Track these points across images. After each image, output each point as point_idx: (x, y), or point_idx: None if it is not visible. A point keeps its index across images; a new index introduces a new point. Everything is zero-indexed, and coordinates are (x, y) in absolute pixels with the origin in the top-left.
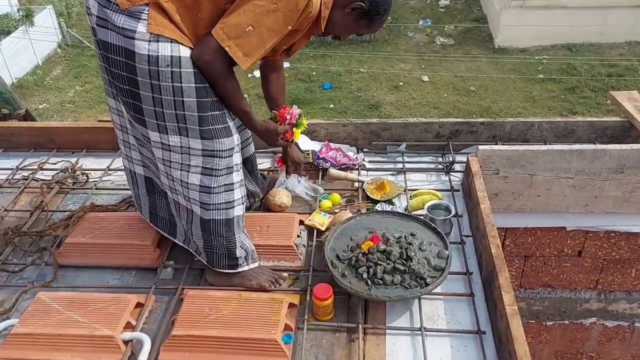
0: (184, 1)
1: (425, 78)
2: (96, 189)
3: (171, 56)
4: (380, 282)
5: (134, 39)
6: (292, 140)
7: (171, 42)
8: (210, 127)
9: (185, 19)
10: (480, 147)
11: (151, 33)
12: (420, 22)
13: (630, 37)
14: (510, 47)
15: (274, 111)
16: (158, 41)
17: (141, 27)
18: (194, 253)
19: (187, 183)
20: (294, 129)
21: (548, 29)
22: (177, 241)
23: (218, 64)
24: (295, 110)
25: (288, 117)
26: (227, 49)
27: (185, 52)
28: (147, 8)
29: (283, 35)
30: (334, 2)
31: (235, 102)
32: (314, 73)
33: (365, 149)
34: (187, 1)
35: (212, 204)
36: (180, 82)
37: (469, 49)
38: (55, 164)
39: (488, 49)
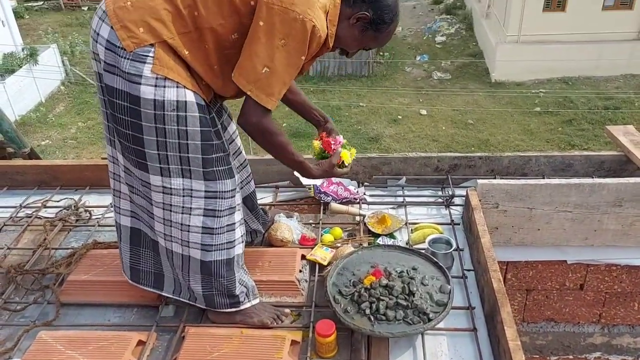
0: (189, 35)
1: (424, 111)
2: (99, 225)
3: (177, 100)
4: (383, 317)
5: (140, 84)
6: (345, 164)
7: (177, 86)
8: (214, 169)
9: (194, 51)
10: (479, 181)
11: (157, 74)
12: (418, 58)
13: (625, 70)
14: (507, 81)
15: (318, 142)
16: (165, 86)
17: (146, 71)
18: (187, 301)
19: (188, 226)
20: (341, 154)
21: (544, 63)
22: (164, 293)
23: (263, 121)
24: (339, 137)
25: (333, 143)
26: (248, 92)
27: (190, 96)
28: (152, 49)
29: (300, 66)
30: (339, 16)
31: (288, 154)
32: None
33: (365, 183)
34: (192, 35)
35: (215, 245)
36: (186, 126)
37: (465, 83)
38: (58, 201)
39: (485, 83)
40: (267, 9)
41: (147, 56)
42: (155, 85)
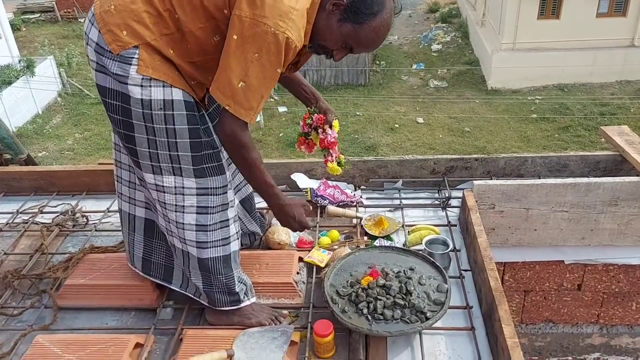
0: (172, 36)
1: (420, 120)
2: (96, 230)
3: (164, 100)
4: (381, 317)
5: (127, 84)
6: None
7: (163, 86)
8: (204, 166)
9: (177, 50)
10: (475, 182)
11: (142, 75)
12: (414, 66)
13: (620, 76)
14: (503, 88)
15: (313, 111)
16: (150, 86)
17: (133, 72)
18: (192, 296)
19: (183, 224)
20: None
21: (539, 70)
22: (172, 287)
23: (239, 133)
24: (331, 132)
25: (326, 135)
26: (227, 107)
27: (177, 94)
28: (137, 51)
29: (277, 78)
30: (320, 4)
31: (259, 173)
32: None
33: (362, 186)
34: (175, 36)
35: (209, 242)
36: (174, 124)
37: (462, 91)
38: (55, 206)
39: (481, 91)
40: (239, 21)
41: (133, 58)
42: (142, 86)
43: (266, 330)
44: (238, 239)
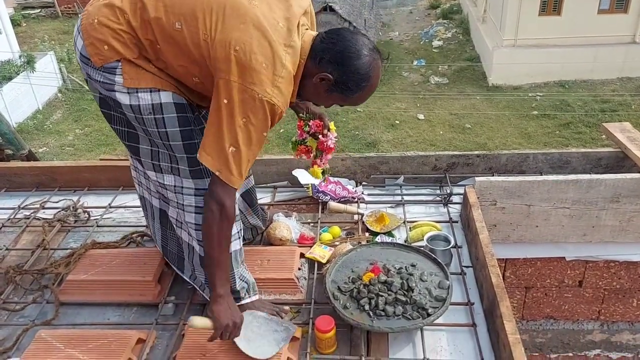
0: (153, 62)
1: (421, 116)
2: (97, 226)
3: (152, 104)
4: (382, 313)
5: (115, 91)
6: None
7: (150, 91)
8: (201, 167)
9: (158, 68)
10: (477, 178)
11: (128, 87)
12: (415, 62)
13: (621, 73)
14: (504, 84)
15: (307, 117)
16: (137, 92)
17: (118, 80)
18: (198, 289)
19: (186, 221)
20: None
21: (540, 67)
22: (184, 276)
23: (228, 204)
24: (331, 135)
25: (325, 139)
26: (217, 173)
27: (165, 97)
28: (119, 64)
29: (263, 141)
30: (304, 71)
31: (224, 254)
32: None
33: (364, 182)
34: (157, 63)
35: None
36: (165, 127)
37: (463, 87)
38: (57, 202)
39: (482, 87)
40: (228, 85)
41: (116, 69)
42: (129, 93)
43: (272, 319)
44: (239, 238)
